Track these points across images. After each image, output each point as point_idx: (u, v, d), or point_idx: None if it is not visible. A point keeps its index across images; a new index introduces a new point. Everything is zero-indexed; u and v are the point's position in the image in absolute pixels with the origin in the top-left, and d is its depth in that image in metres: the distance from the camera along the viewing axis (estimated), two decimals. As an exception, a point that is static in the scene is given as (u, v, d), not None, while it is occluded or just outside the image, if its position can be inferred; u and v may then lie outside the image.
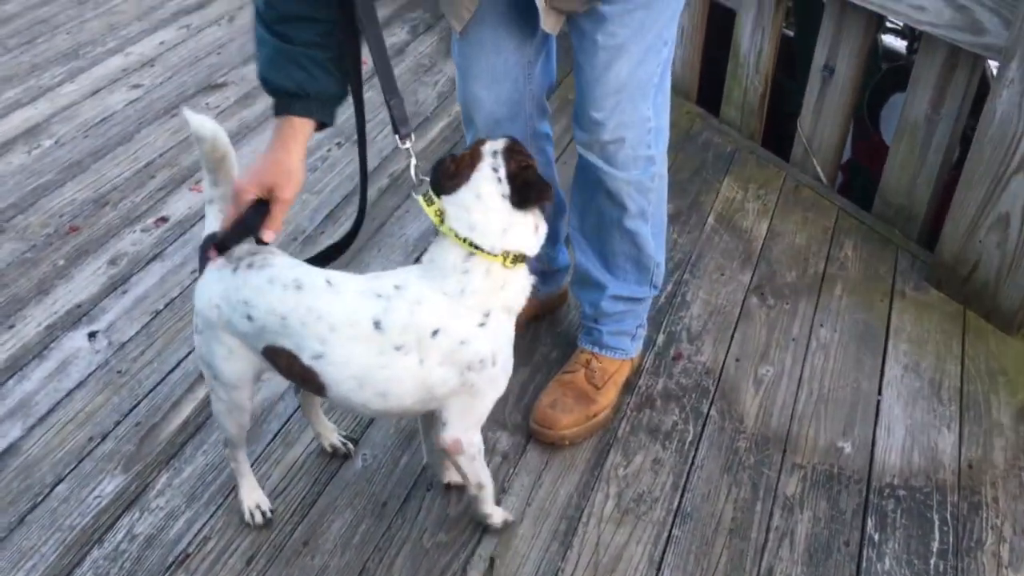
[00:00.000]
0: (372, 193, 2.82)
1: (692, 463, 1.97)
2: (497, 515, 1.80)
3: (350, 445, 1.96)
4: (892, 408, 2.09)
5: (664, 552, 1.79)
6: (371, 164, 2.95)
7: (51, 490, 1.91)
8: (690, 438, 2.02)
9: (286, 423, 2.04)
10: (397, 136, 1.48)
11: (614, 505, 1.88)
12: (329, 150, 3.00)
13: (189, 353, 2.23)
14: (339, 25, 1.45)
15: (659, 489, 1.91)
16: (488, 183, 1.42)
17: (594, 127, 1.72)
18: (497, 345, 1.49)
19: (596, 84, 1.68)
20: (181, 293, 2.42)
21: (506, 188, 1.42)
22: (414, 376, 1.46)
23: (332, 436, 1.95)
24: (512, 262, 1.44)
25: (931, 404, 2.10)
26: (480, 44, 1.77)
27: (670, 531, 1.83)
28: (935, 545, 1.80)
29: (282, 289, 1.46)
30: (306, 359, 1.46)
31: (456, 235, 1.42)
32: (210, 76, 3.49)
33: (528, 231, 1.45)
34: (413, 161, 1.49)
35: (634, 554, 1.78)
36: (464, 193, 1.42)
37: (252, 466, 1.85)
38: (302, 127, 1.48)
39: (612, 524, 1.84)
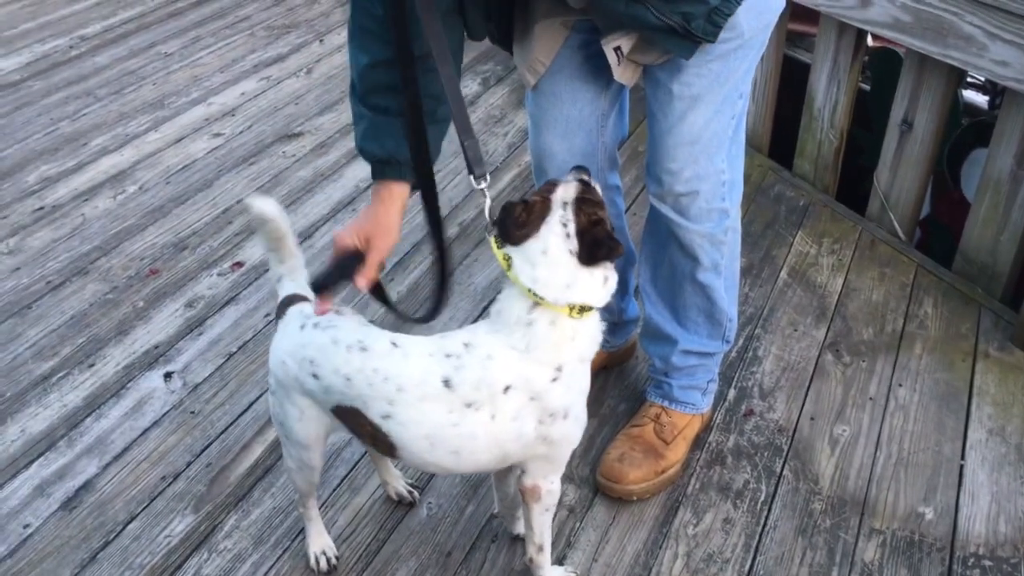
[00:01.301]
0: (442, 241, 2.84)
1: (765, 524, 1.91)
2: None
3: (415, 493, 1.96)
4: (976, 473, 2.01)
5: (736, 616, 1.73)
6: (441, 212, 2.97)
7: (123, 528, 1.94)
8: (762, 498, 1.96)
9: (352, 469, 2.05)
10: (472, 177, 1.49)
11: (683, 565, 1.83)
12: (401, 198, 3.04)
13: (260, 396, 2.26)
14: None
15: (730, 550, 1.85)
16: (556, 239, 1.40)
17: (668, 178, 1.72)
18: (570, 399, 1.47)
19: (670, 135, 1.67)
20: (254, 336, 2.47)
21: (574, 244, 1.40)
22: (487, 432, 1.44)
23: (398, 483, 1.95)
24: (579, 312, 1.42)
25: (1018, 470, 2.01)
26: (555, 96, 1.78)
27: (742, 594, 1.77)
28: (1025, 621, 1.71)
29: (346, 350, 1.47)
30: (375, 419, 1.46)
31: (521, 284, 1.42)
32: (288, 126, 3.58)
33: (595, 284, 1.43)
34: (488, 202, 1.49)
35: (704, 617, 1.73)
36: (532, 246, 1.41)
37: (319, 511, 1.85)
38: (397, 190, 1.56)
39: (681, 584, 1.79)
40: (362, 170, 3.17)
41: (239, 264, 2.78)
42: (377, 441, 1.50)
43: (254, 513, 1.96)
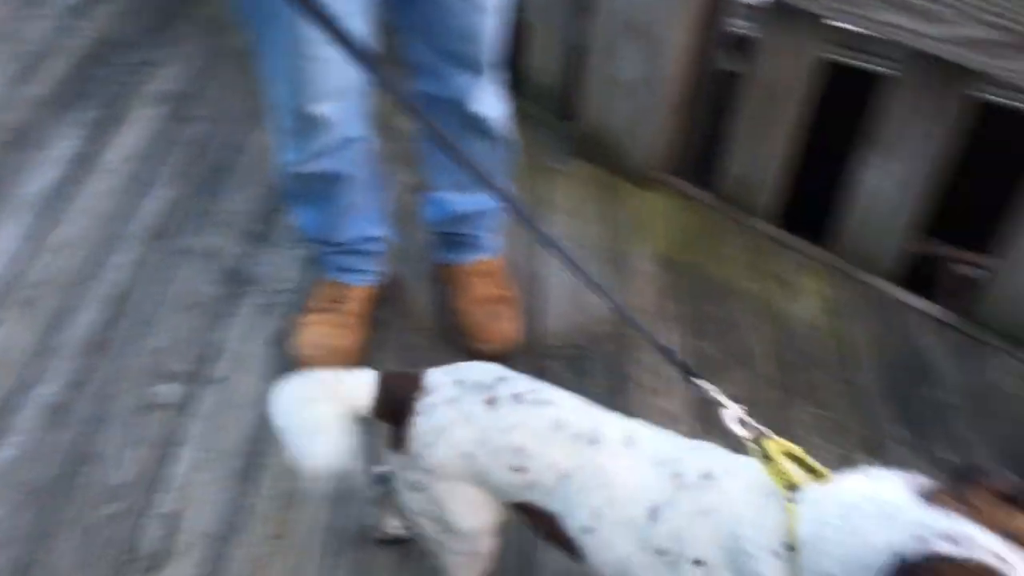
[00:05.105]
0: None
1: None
2: None
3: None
4: (557, 279, 2.17)
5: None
6: None
7: None
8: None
9: None
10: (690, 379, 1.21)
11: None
12: None
13: None
14: None
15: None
16: None
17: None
18: None
19: None
20: None
21: None
22: None
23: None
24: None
25: (588, 267, 2.22)
26: None
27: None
28: (596, 388, 1.91)
29: (573, 440, 1.14)
30: (572, 530, 1.15)
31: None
32: None
33: None
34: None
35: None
36: None
37: None
38: None
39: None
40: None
41: None
42: (561, 543, 1.19)
43: None
